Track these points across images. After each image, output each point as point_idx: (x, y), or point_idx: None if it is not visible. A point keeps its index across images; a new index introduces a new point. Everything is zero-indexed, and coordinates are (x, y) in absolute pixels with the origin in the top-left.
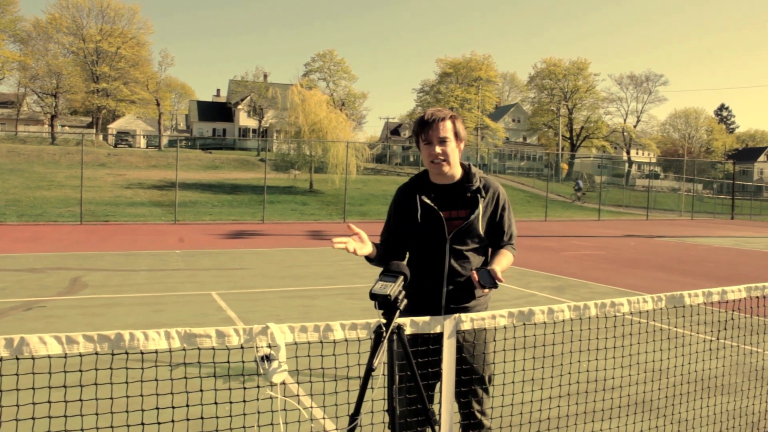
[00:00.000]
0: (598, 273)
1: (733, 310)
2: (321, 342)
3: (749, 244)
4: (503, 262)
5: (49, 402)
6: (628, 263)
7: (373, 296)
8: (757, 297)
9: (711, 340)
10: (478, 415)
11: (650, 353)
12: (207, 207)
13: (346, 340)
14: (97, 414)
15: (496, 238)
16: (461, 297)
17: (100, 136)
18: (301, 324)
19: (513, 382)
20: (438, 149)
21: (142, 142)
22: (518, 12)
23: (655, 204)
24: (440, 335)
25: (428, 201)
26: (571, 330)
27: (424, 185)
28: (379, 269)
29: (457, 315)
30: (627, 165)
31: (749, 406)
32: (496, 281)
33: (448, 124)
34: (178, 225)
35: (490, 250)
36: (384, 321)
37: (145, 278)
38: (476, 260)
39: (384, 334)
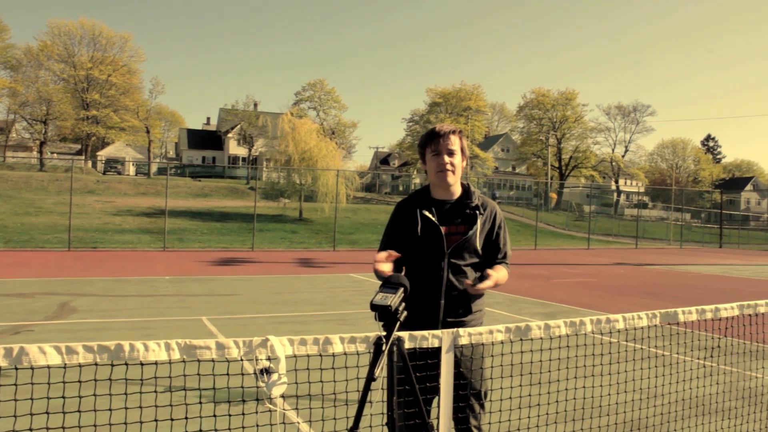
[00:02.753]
0: (589, 300)
1: (726, 330)
2: (320, 355)
3: (738, 271)
4: (499, 271)
5: (47, 413)
6: (619, 290)
7: (374, 307)
8: (749, 315)
9: (704, 363)
10: (475, 431)
11: (643, 370)
12: (196, 234)
13: (345, 354)
14: (95, 426)
15: (491, 255)
16: (458, 311)
17: (89, 163)
18: (300, 337)
19: (510, 398)
20: (447, 159)
21: (132, 170)
22: (508, 43)
23: (644, 233)
24: (438, 349)
25: (429, 215)
26: (567, 346)
27: (424, 200)
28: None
29: (455, 329)
30: (615, 194)
31: (738, 426)
32: (484, 276)
33: (457, 138)
34: (167, 252)
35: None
36: (384, 333)
37: (134, 303)
38: (473, 275)
39: (384, 346)
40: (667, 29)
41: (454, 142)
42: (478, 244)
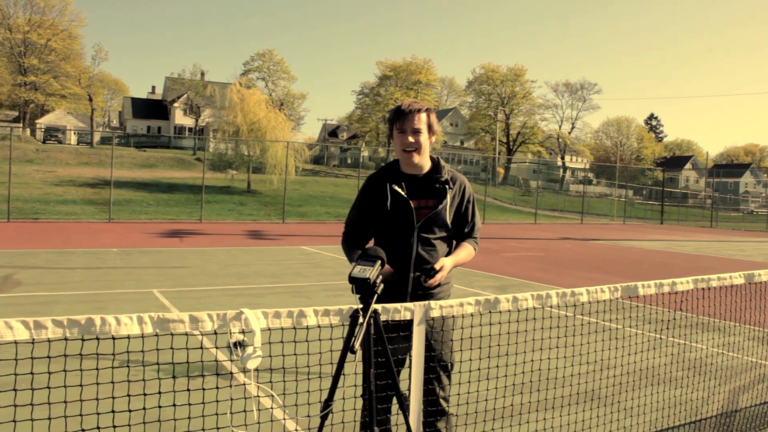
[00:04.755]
0: (538, 273)
1: (681, 303)
2: (294, 328)
3: (679, 247)
4: (460, 254)
5: (14, 390)
6: (567, 264)
7: (353, 280)
8: (703, 288)
9: (659, 336)
10: (442, 402)
11: (604, 342)
12: (142, 206)
13: (318, 327)
14: (65, 402)
15: (460, 229)
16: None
17: (28, 131)
18: (275, 310)
19: (479, 369)
20: (411, 139)
21: (73, 139)
22: (458, 18)
23: (588, 209)
24: (409, 322)
25: (398, 189)
26: (533, 318)
27: (394, 174)
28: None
29: (427, 302)
30: (561, 170)
31: (686, 394)
32: (432, 270)
33: (423, 116)
34: (113, 223)
35: (454, 241)
36: (361, 306)
37: (82, 276)
38: (442, 248)
39: (361, 318)
40: (616, 8)
41: (420, 120)
42: (448, 219)
